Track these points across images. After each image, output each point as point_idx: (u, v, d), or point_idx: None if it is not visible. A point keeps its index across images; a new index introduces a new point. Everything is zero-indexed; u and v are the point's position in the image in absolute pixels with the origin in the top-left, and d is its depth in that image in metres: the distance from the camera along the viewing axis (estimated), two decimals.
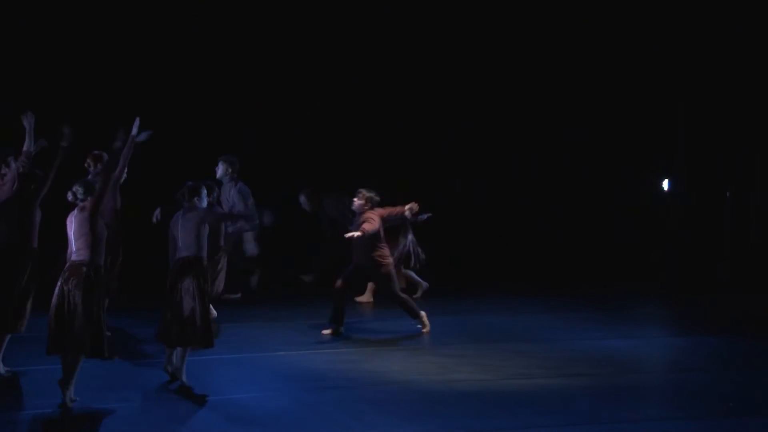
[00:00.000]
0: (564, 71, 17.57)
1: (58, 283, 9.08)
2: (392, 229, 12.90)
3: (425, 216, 13.27)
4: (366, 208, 12.25)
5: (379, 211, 12.29)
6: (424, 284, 14.57)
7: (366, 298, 14.30)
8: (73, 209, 9.22)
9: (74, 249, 9.08)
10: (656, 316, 14.62)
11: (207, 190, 10.38)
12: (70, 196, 9.20)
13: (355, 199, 12.37)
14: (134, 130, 10.63)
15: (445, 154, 17.39)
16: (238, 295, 13.63)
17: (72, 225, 9.16)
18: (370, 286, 14.20)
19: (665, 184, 18.21)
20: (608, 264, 17.06)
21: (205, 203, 10.07)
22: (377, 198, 12.33)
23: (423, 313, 12.45)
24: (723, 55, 17.30)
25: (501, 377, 10.60)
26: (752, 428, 9.25)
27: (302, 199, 14.55)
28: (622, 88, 17.71)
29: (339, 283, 12.23)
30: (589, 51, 17.50)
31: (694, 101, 17.73)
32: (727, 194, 17.83)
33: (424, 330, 12.37)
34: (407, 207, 12.28)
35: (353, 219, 12.48)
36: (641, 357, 11.85)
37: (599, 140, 17.87)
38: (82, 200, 9.14)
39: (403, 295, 12.52)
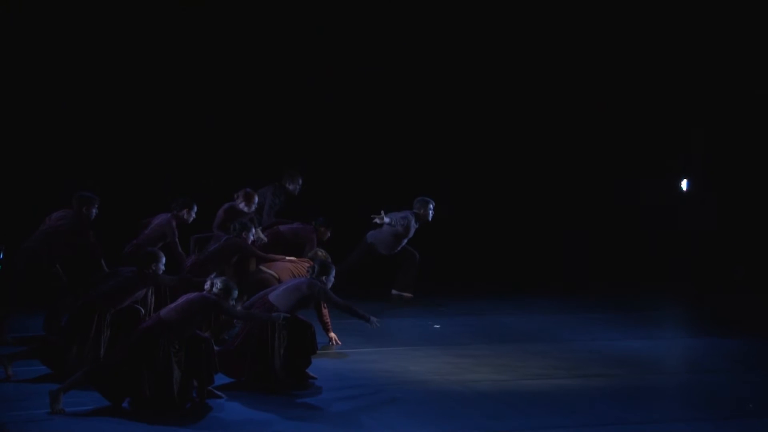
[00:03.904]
0: (583, 72, 17.52)
1: None
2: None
3: None
4: None
5: None
6: None
7: None
8: None
9: None
10: (674, 316, 14.56)
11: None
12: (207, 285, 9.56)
13: None
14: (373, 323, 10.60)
15: (467, 152, 17.36)
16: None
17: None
18: None
19: (684, 185, 18.15)
20: (626, 264, 17.00)
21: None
22: None
23: None
24: (741, 54, 17.25)
25: (518, 377, 10.58)
26: None
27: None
28: (641, 87, 17.66)
29: None
30: (608, 51, 17.45)
31: (713, 101, 17.67)
32: (746, 194, 17.77)
33: None
34: None
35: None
36: (659, 358, 11.80)
37: (618, 140, 17.82)
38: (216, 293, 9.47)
39: None
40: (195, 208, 12.10)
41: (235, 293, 9.62)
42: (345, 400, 9.72)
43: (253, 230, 12.06)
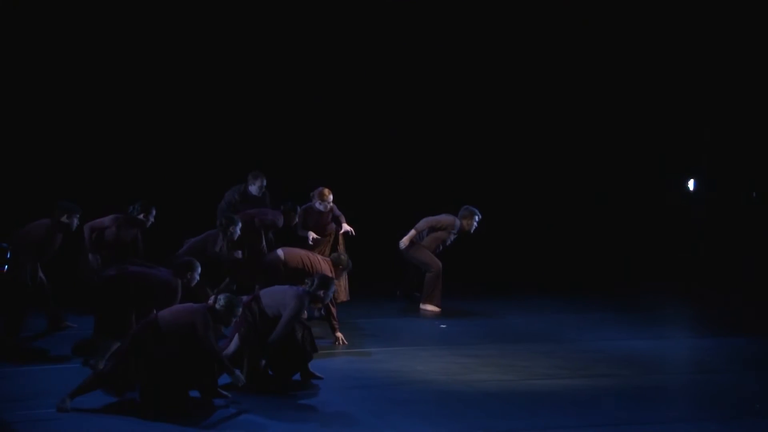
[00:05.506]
0: (591, 72, 17.52)
1: None
2: None
3: None
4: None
5: None
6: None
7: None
8: None
9: None
10: (680, 316, 14.54)
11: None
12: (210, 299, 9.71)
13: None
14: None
15: (472, 153, 17.37)
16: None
17: None
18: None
19: (690, 184, 18.14)
20: (632, 264, 16.99)
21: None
22: None
23: None
24: (749, 54, 17.25)
25: (524, 378, 10.59)
26: None
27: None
28: (648, 87, 17.66)
29: None
30: (616, 52, 17.45)
31: (720, 101, 17.66)
32: (753, 194, 17.77)
33: None
34: None
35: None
36: (665, 358, 11.80)
37: (625, 140, 17.82)
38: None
39: None
40: (154, 212, 11.88)
41: (238, 310, 9.53)
42: (351, 399, 9.72)
43: (239, 225, 12.00)
